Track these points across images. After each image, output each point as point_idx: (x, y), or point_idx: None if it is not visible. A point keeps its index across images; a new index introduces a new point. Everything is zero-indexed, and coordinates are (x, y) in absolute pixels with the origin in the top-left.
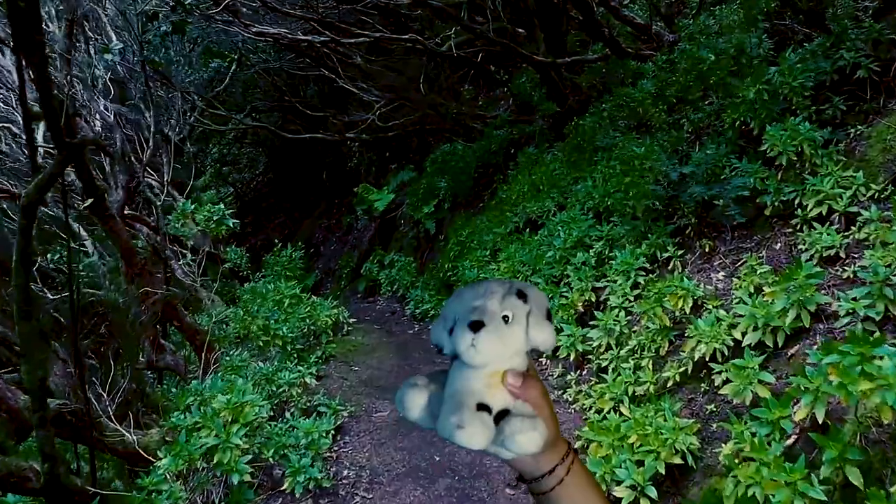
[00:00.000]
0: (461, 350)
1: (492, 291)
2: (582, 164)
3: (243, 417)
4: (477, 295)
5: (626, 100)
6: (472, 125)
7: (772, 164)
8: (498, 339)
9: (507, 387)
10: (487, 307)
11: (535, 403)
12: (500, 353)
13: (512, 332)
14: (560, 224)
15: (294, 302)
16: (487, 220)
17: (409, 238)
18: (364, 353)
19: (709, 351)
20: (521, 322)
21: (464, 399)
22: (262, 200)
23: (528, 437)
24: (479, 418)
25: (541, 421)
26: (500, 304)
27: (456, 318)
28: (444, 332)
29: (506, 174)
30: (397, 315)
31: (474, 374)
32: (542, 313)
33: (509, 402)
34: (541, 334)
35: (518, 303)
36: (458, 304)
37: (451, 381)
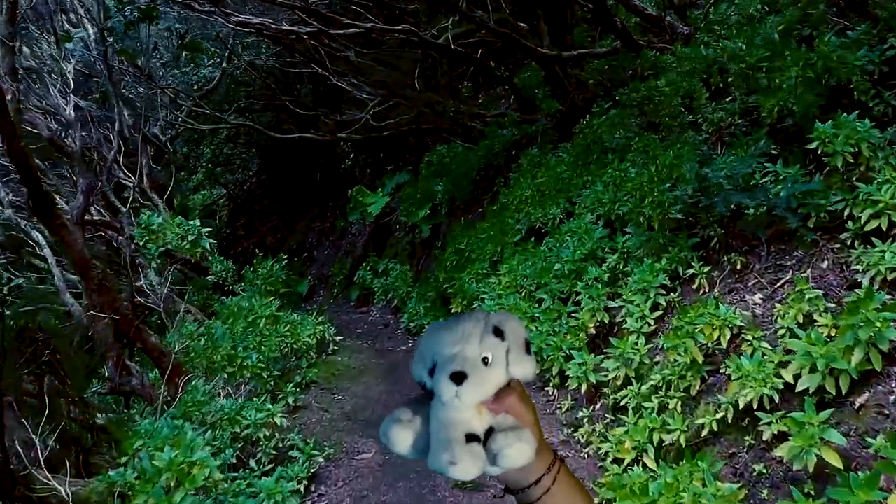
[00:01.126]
0: (445, 400)
1: (469, 334)
2: (591, 167)
3: (190, 482)
4: (454, 339)
5: (640, 96)
6: (471, 125)
7: (814, 167)
8: (480, 384)
9: (486, 406)
10: (467, 355)
11: (516, 411)
12: (482, 396)
13: (492, 373)
14: (568, 233)
15: (271, 322)
16: (488, 228)
17: (405, 244)
18: (350, 378)
19: (755, 396)
20: (500, 362)
21: (451, 434)
22: (255, 202)
23: (517, 450)
24: (469, 451)
25: (526, 431)
26: (479, 347)
27: (435, 361)
28: (424, 371)
29: (507, 177)
30: (391, 328)
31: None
32: (521, 348)
33: (492, 420)
34: (521, 368)
35: (496, 342)
36: (435, 345)
37: (435, 415)
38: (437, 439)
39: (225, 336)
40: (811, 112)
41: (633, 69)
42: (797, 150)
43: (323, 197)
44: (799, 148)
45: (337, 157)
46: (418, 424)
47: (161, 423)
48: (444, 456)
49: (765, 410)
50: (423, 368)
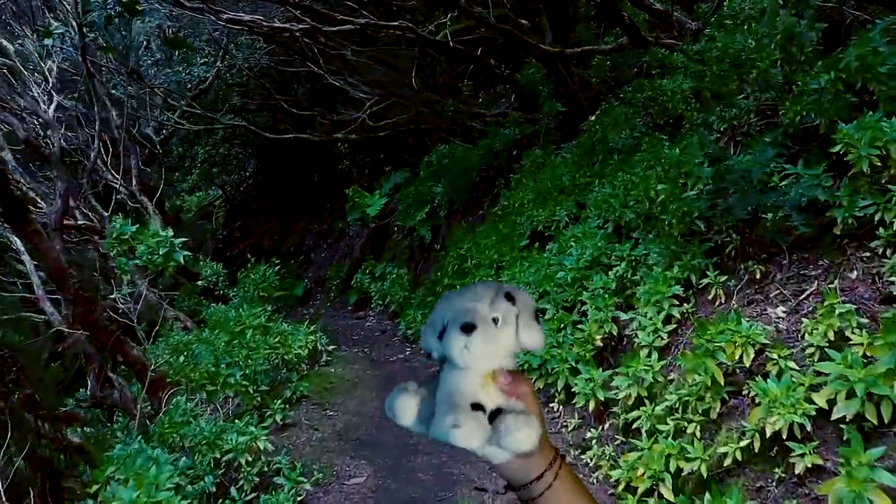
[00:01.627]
0: (454, 353)
1: (481, 295)
2: (596, 168)
3: None
4: (466, 299)
5: (648, 95)
6: (470, 124)
7: (839, 169)
8: (489, 341)
9: (499, 385)
10: (478, 310)
11: (526, 401)
12: (491, 354)
13: (502, 334)
14: (573, 238)
15: (260, 333)
16: (489, 231)
17: (403, 247)
18: (343, 392)
19: (784, 424)
20: (510, 324)
21: (458, 400)
22: (252, 203)
23: (524, 433)
24: (474, 417)
25: (534, 418)
26: (490, 307)
27: (446, 323)
28: (433, 336)
29: (508, 178)
30: (388, 334)
31: (466, 375)
32: (531, 315)
33: (502, 401)
34: (530, 335)
35: (507, 305)
36: (447, 309)
37: (443, 383)
38: (442, 406)
39: (206, 352)
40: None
41: (638, 66)
42: (816, 150)
43: (320, 198)
44: (819, 149)
45: (334, 158)
46: (424, 395)
47: (134, 448)
48: (448, 419)
49: (795, 439)
50: (432, 334)
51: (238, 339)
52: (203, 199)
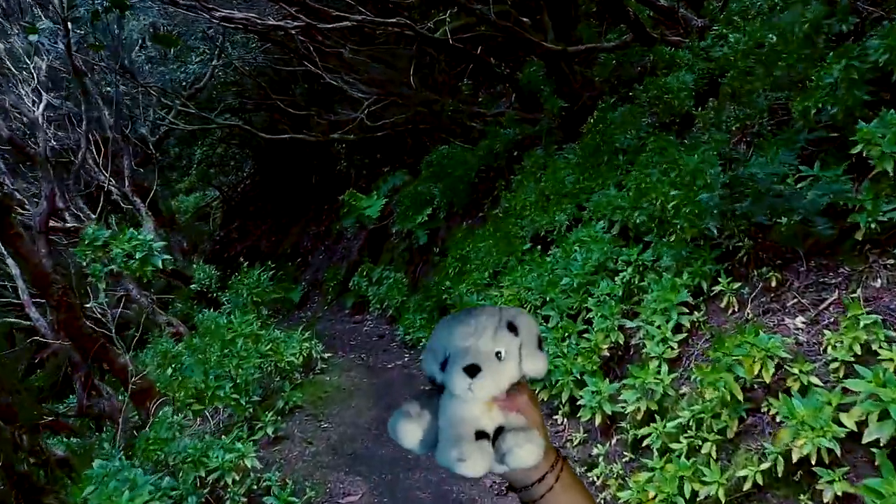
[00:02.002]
0: (457, 391)
1: (483, 327)
2: (601, 170)
3: None
4: (468, 331)
5: (654, 93)
6: (470, 124)
7: (859, 170)
8: (493, 380)
9: (497, 403)
10: (480, 348)
11: (526, 411)
12: (494, 390)
13: (505, 368)
14: (577, 243)
15: (252, 340)
16: (489, 234)
17: (401, 250)
18: (338, 401)
19: (812, 449)
20: (513, 356)
21: (461, 430)
22: (250, 204)
23: (527, 451)
24: (478, 448)
25: (535, 432)
26: (493, 341)
27: (447, 354)
28: (435, 364)
29: (509, 180)
30: (386, 339)
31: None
32: (534, 343)
33: (502, 419)
34: (533, 365)
35: (509, 337)
36: (448, 338)
37: (444, 410)
38: (446, 435)
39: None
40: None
41: (642, 65)
42: (833, 150)
43: (318, 199)
44: (836, 149)
45: (332, 159)
46: (427, 419)
47: (115, 466)
48: (453, 452)
49: (823, 464)
50: (434, 362)
51: (229, 347)
52: (200, 200)
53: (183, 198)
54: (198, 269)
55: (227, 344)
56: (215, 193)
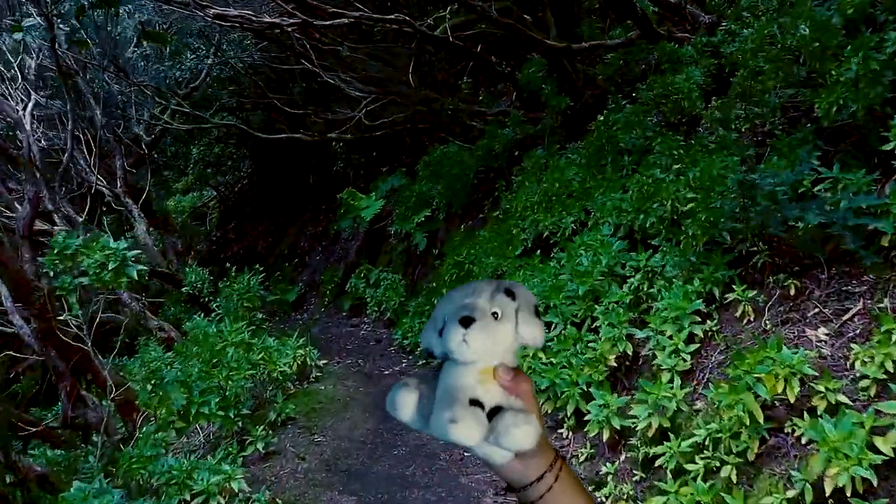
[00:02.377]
0: (452, 346)
1: (481, 290)
2: (606, 171)
3: None
4: (466, 294)
5: (660, 91)
6: (470, 123)
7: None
8: (488, 335)
9: (499, 381)
10: (477, 304)
11: (527, 400)
12: (490, 348)
13: (501, 329)
14: (582, 247)
15: (243, 349)
16: (489, 237)
17: (399, 251)
18: (333, 413)
19: (847, 480)
20: (510, 318)
21: (456, 395)
22: (247, 204)
23: (524, 431)
24: (472, 413)
25: (534, 417)
26: (490, 302)
27: (446, 319)
28: (434, 334)
29: (509, 180)
30: (383, 343)
31: (466, 371)
32: (531, 310)
33: (502, 399)
34: (530, 330)
35: (507, 300)
36: (447, 305)
37: (443, 379)
38: (440, 400)
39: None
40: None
41: (647, 63)
42: (852, 150)
43: (315, 200)
44: (856, 149)
45: (330, 159)
46: (424, 391)
47: (94, 489)
48: (446, 414)
49: (858, 494)
50: (433, 331)
51: (219, 356)
52: (197, 200)
53: (180, 198)
54: (190, 271)
55: (216, 353)
56: (212, 193)
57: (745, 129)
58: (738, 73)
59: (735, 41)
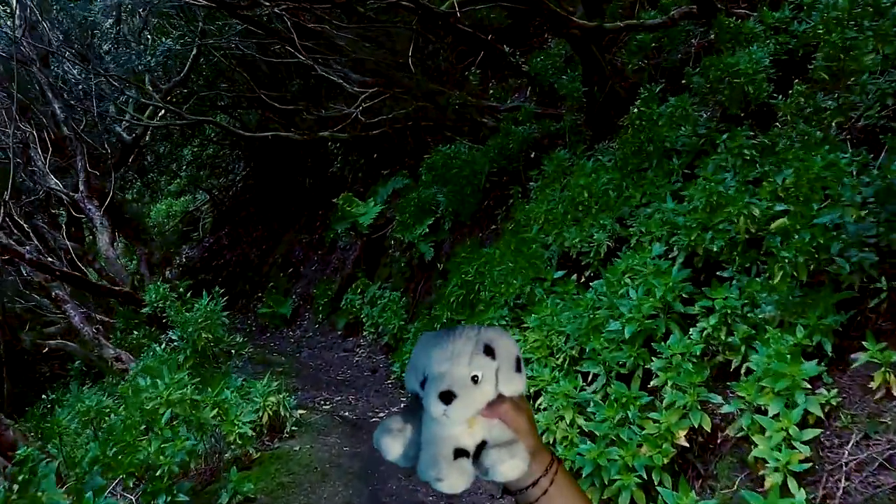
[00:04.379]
0: (434, 416)
1: (459, 353)
2: (648, 176)
3: None
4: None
5: (717, 76)
6: (480, 120)
7: None
8: (468, 405)
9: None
10: (455, 374)
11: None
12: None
13: (481, 391)
14: (627, 273)
15: (187, 407)
16: (504, 254)
17: (401, 265)
18: (308, 489)
19: None
20: (490, 380)
21: (440, 449)
22: (241, 209)
23: (509, 466)
24: (456, 467)
25: (520, 445)
26: (469, 367)
27: (426, 374)
28: (416, 382)
29: (526, 186)
30: (379, 374)
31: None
32: (512, 366)
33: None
34: (510, 387)
35: (486, 361)
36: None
37: (426, 426)
38: (426, 453)
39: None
40: None
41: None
42: None
43: (311, 205)
44: None
45: (326, 160)
46: (409, 433)
47: None
48: (431, 472)
49: None
50: (415, 380)
51: (151, 417)
52: (190, 204)
53: (171, 201)
54: (151, 289)
55: (147, 414)
56: (205, 197)
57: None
58: (816, 54)
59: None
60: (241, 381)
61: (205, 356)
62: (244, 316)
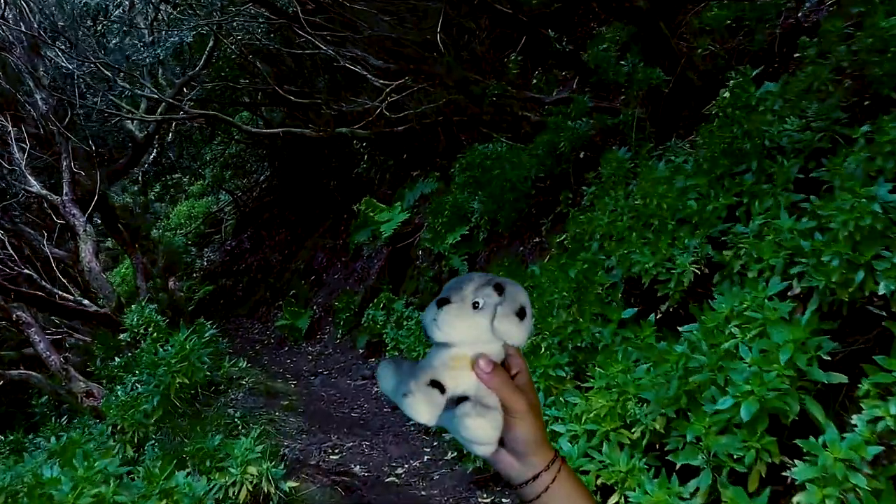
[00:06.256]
0: (425, 322)
1: (470, 279)
2: (746, 183)
3: None
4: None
5: (868, 47)
6: (522, 115)
7: None
8: (460, 320)
9: (476, 371)
10: (461, 290)
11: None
12: (462, 334)
13: (477, 319)
14: (735, 319)
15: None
16: (553, 276)
17: (428, 278)
18: None
19: None
20: (488, 311)
21: (419, 373)
22: (265, 211)
23: (476, 423)
24: (425, 392)
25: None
26: (474, 292)
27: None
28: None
29: (578, 192)
30: (400, 415)
31: (437, 353)
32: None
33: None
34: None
35: (491, 293)
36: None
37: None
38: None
39: None
40: None
41: (776, 28)
42: None
43: (336, 207)
44: None
45: (353, 160)
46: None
47: None
48: (402, 388)
49: None
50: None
51: None
52: (212, 205)
53: (193, 202)
54: (132, 312)
55: None
56: (228, 198)
57: None
58: None
59: None
60: (219, 441)
61: (183, 401)
62: (263, 326)
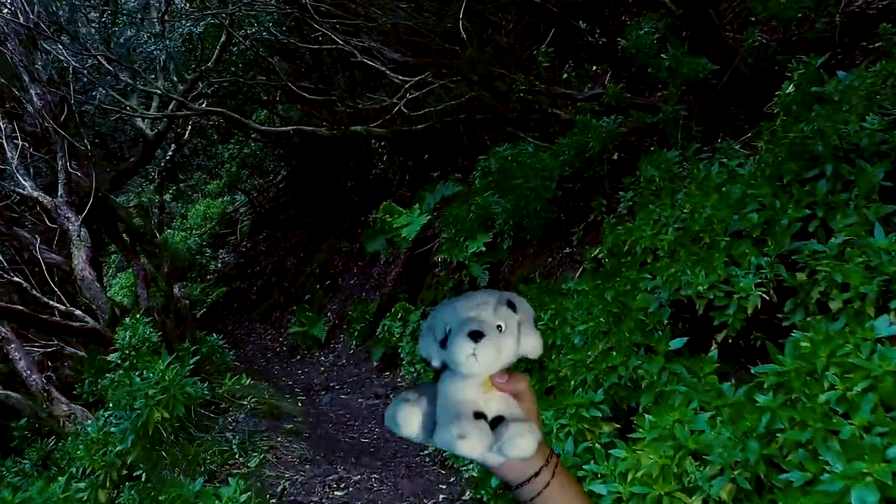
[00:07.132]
0: (460, 360)
1: (484, 302)
2: (819, 192)
3: None
4: (470, 306)
5: None
6: (551, 112)
7: None
8: (496, 350)
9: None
10: (483, 318)
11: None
12: (496, 362)
13: (506, 342)
14: (822, 352)
15: None
16: (586, 295)
17: (448, 288)
18: None
19: None
20: (513, 331)
21: (461, 409)
22: (281, 212)
23: (526, 441)
24: (477, 427)
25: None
26: (494, 315)
27: (448, 329)
28: (434, 344)
29: (613, 198)
30: (414, 444)
31: (468, 384)
32: (531, 322)
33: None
34: (530, 343)
35: (509, 313)
36: (449, 315)
37: (444, 392)
38: (444, 415)
39: None
40: None
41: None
42: None
43: (354, 209)
44: None
45: (371, 161)
46: (425, 404)
47: None
48: (453, 429)
49: None
50: (432, 341)
51: None
52: (228, 205)
53: (209, 202)
54: (124, 327)
55: None
56: (244, 198)
57: None
58: None
59: None
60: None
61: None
62: (276, 332)
